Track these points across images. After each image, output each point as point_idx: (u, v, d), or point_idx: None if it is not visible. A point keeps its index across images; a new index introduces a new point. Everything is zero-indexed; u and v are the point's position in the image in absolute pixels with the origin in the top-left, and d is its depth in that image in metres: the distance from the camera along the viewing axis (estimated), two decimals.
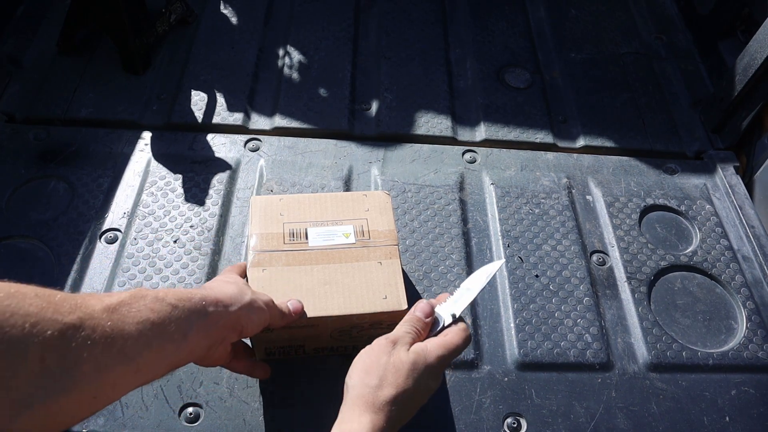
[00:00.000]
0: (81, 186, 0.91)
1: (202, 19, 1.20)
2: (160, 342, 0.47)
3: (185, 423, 0.70)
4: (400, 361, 0.58)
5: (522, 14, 1.30)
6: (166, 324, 0.48)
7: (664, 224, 0.96)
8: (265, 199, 0.75)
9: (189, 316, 0.50)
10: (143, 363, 0.46)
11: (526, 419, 0.73)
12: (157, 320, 0.47)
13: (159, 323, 0.47)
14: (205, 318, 0.52)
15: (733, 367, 0.80)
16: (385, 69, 1.15)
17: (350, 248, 0.70)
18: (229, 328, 0.56)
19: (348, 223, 0.73)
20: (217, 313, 0.54)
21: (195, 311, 0.52)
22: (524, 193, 0.97)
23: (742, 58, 1.04)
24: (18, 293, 0.40)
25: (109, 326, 0.43)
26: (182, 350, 0.50)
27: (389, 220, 0.73)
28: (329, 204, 0.75)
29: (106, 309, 0.44)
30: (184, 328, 0.50)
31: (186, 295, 0.52)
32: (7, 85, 1.05)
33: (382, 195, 0.76)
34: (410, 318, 0.62)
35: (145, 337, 0.46)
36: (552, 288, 0.85)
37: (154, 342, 0.47)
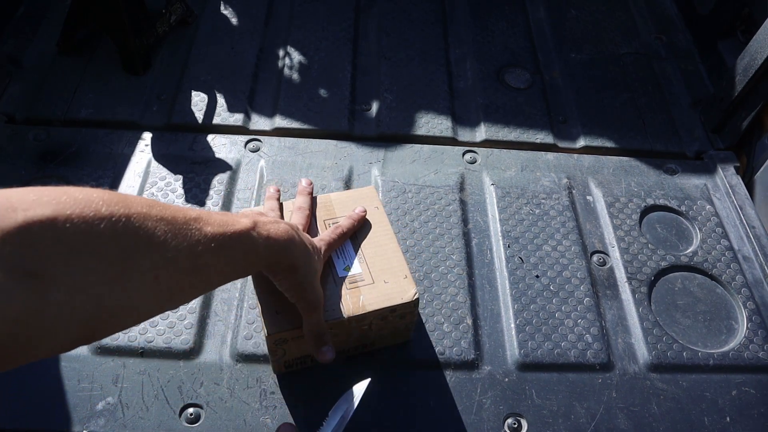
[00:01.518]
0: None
1: (202, 20, 1.20)
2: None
3: (186, 423, 0.70)
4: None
5: (522, 14, 1.30)
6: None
7: (665, 224, 0.96)
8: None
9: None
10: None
11: (526, 419, 0.73)
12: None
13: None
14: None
15: (734, 368, 0.80)
16: (385, 69, 1.15)
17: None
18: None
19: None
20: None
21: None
22: (525, 194, 0.97)
23: (742, 58, 1.04)
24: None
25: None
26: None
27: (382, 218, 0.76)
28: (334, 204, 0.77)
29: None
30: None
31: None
32: (7, 86, 1.05)
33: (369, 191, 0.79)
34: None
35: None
36: (552, 288, 0.85)
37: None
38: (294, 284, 0.60)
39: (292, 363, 0.72)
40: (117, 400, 0.70)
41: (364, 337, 0.72)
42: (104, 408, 0.70)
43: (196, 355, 0.75)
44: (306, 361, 0.72)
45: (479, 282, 0.85)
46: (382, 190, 0.95)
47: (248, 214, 0.55)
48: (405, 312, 0.70)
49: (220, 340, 0.77)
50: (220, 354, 0.75)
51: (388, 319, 0.70)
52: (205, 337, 0.77)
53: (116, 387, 0.71)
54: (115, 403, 0.70)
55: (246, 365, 0.75)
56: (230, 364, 0.75)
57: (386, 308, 0.68)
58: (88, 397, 0.70)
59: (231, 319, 0.79)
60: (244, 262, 0.53)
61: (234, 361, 0.75)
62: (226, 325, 0.78)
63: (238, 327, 0.78)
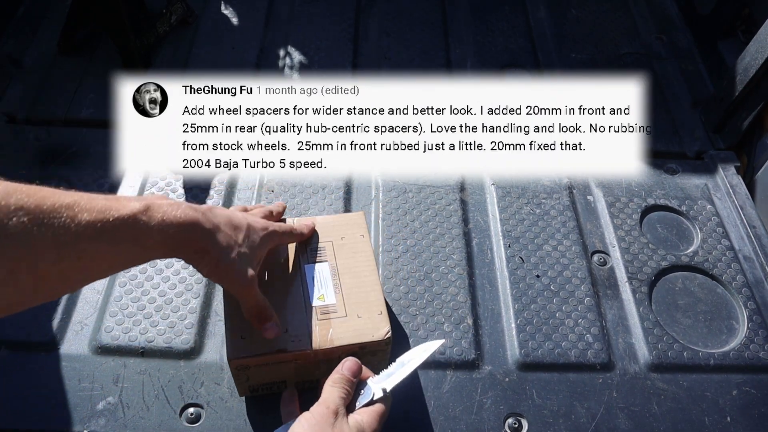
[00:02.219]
0: (82, 186, 0.91)
1: (203, 20, 1.20)
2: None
3: (186, 423, 0.70)
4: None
5: (522, 14, 1.30)
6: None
7: (665, 224, 0.96)
8: None
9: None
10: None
11: (527, 419, 0.73)
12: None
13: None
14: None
15: (735, 368, 0.80)
16: (385, 69, 1.15)
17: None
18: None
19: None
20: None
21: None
22: (525, 193, 0.97)
23: (742, 58, 1.04)
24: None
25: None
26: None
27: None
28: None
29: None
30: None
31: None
32: (7, 86, 1.05)
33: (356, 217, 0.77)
34: (340, 378, 0.60)
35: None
36: (553, 288, 0.85)
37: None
38: (211, 268, 0.56)
39: (257, 388, 0.69)
40: (117, 399, 0.70)
41: (333, 367, 0.69)
42: (105, 408, 0.70)
43: (196, 354, 0.75)
44: (272, 387, 0.69)
45: (480, 282, 0.85)
46: (383, 190, 0.95)
47: (144, 198, 0.52)
48: (376, 349, 0.67)
49: (221, 339, 0.77)
50: (221, 354, 0.75)
51: (357, 354, 0.66)
52: (206, 337, 0.77)
53: (117, 387, 0.71)
54: (116, 403, 0.70)
55: None
56: None
57: (356, 344, 0.66)
58: (88, 397, 0.70)
59: None
60: (136, 248, 0.50)
61: None
62: None
63: None
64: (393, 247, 0.87)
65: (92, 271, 0.48)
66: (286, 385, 0.69)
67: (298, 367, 0.67)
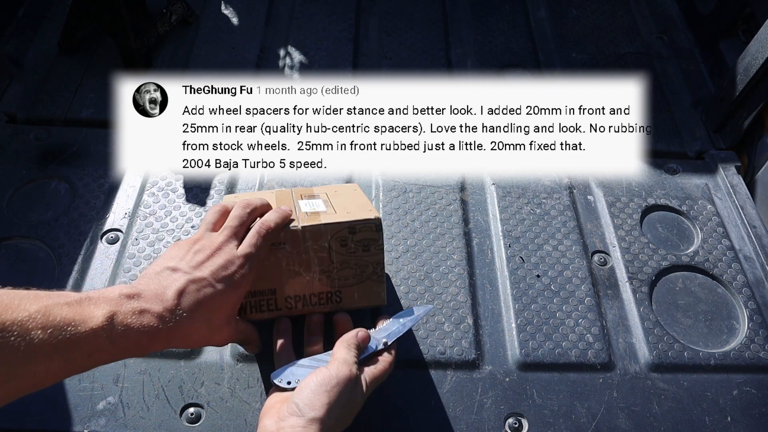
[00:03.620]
0: (82, 186, 0.91)
1: (203, 20, 1.20)
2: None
3: (186, 423, 0.70)
4: (356, 401, 0.59)
5: (523, 14, 1.30)
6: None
7: (666, 224, 0.96)
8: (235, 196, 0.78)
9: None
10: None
11: (527, 419, 0.73)
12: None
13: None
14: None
15: (735, 368, 0.80)
16: (385, 69, 1.15)
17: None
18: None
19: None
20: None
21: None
22: (525, 193, 0.97)
23: (743, 57, 1.04)
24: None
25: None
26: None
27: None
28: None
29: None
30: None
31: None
32: (8, 86, 1.05)
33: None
34: (357, 344, 0.62)
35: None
36: (553, 288, 0.85)
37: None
38: (186, 347, 0.60)
39: (246, 305, 0.67)
40: (118, 399, 0.71)
41: (326, 274, 0.67)
42: (105, 408, 0.70)
43: (196, 354, 0.75)
44: (262, 305, 0.67)
45: (480, 282, 0.85)
46: (383, 190, 0.95)
47: (111, 299, 0.50)
48: (368, 237, 0.66)
49: None
50: (221, 354, 0.75)
51: (349, 246, 0.66)
52: None
53: (117, 387, 0.71)
54: (116, 403, 0.70)
55: (247, 365, 0.75)
56: (231, 363, 0.75)
57: (345, 224, 0.65)
58: (88, 397, 0.70)
59: None
60: (89, 361, 0.48)
61: (235, 360, 0.75)
62: None
63: None
64: (393, 247, 0.87)
65: (41, 384, 0.46)
66: (277, 302, 0.67)
67: (286, 260, 0.65)
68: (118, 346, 0.49)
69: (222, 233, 0.61)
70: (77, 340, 0.46)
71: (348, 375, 0.58)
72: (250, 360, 0.75)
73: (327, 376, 0.57)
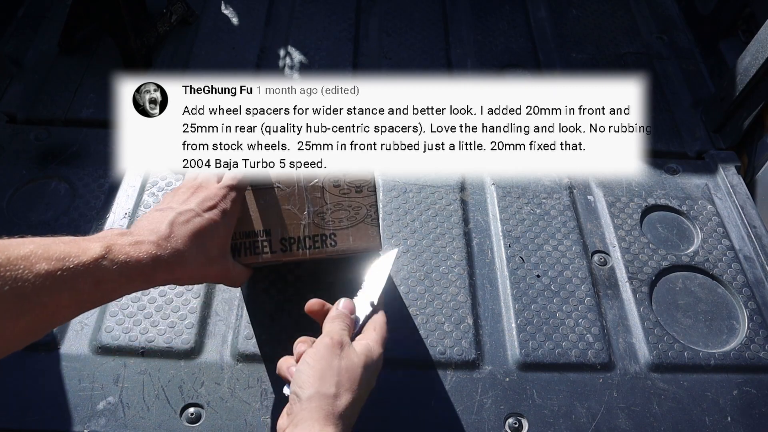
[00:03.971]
0: (82, 186, 0.91)
1: (203, 20, 1.20)
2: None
3: (186, 423, 0.70)
4: (353, 364, 0.55)
5: (523, 14, 1.30)
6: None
7: (666, 224, 0.96)
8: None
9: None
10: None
11: (527, 419, 0.73)
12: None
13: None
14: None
15: (735, 368, 0.80)
16: (386, 69, 1.15)
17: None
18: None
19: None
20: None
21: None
22: (525, 193, 0.97)
23: (743, 57, 1.04)
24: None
25: None
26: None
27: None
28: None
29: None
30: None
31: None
32: (8, 86, 1.05)
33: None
34: (339, 314, 0.61)
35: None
36: (553, 288, 0.85)
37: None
38: (186, 281, 0.59)
39: (237, 244, 0.67)
40: (118, 399, 0.71)
41: (320, 216, 0.68)
42: (105, 408, 0.70)
43: (196, 354, 0.75)
44: (255, 246, 0.67)
45: (480, 282, 0.85)
46: (383, 190, 0.95)
47: (105, 237, 0.52)
48: (361, 183, 0.68)
49: (221, 339, 0.77)
50: (221, 354, 0.75)
51: (342, 187, 0.68)
52: (206, 337, 0.77)
53: (117, 387, 0.71)
54: (116, 403, 0.70)
55: (247, 365, 0.75)
56: (231, 363, 0.75)
57: (340, 173, 0.66)
58: (88, 397, 0.70)
59: (232, 319, 0.79)
60: (98, 292, 0.50)
61: (235, 360, 0.75)
62: (227, 324, 0.78)
63: (238, 327, 0.78)
64: (393, 247, 0.87)
65: (56, 318, 0.48)
66: (272, 244, 0.67)
67: (280, 199, 0.67)
68: (122, 273, 0.50)
69: (200, 176, 0.66)
70: (81, 270, 0.47)
71: (329, 343, 0.56)
72: (250, 360, 0.75)
73: (309, 353, 0.56)
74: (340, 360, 0.55)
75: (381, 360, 0.59)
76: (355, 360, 0.56)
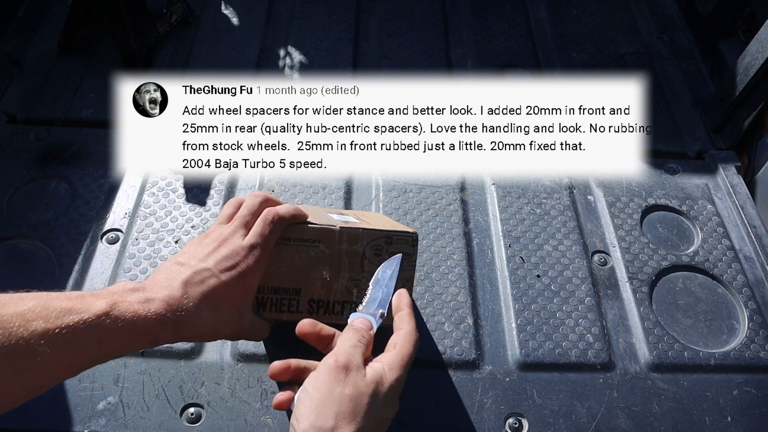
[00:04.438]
0: (82, 186, 0.91)
1: (203, 20, 1.20)
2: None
3: (186, 423, 0.70)
4: (358, 392, 0.49)
5: (523, 14, 1.30)
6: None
7: (666, 224, 0.96)
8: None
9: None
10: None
11: (527, 419, 0.73)
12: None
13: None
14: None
15: (735, 368, 0.80)
16: (385, 69, 1.15)
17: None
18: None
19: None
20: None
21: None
22: (525, 193, 0.97)
23: (743, 57, 1.04)
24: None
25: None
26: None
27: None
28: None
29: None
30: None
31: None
32: (8, 86, 1.05)
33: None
34: (356, 329, 0.55)
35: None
36: (553, 288, 0.85)
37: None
38: (197, 340, 0.57)
39: (266, 300, 0.63)
40: (118, 399, 0.71)
41: (355, 282, 0.64)
42: (105, 408, 0.70)
43: (197, 354, 0.75)
44: (283, 304, 0.64)
45: (480, 282, 0.85)
46: (383, 190, 0.95)
47: (113, 292, 0.50)
48: (402, 251, 0.64)
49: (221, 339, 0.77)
50: (221, 354, 0.75)
51: (383, 256, 0.64)
52: None
53: (117, 387, 0.71)
54: (116, 403, 0.70)
55: (247, 365, 0.75)
56: (231, 363, 0.75)
57: (382, 232, 0.64)
58: (88, 397, 0.70)
59: None
60: (100, 351, 0.47)
61: (235, 360, 0.75)
62: None
63: None
64: None
65: (57, 376, 0.46)
66: (299, 304, 0.64)
67: (316, 260, 0.62)
68: (127, 332, 0.48)
69: (231, 225, 0.60)
70: (81, 328, 0.45)
71: (332, 366, 0.50)
72: (250, 360, 0.75)
73: (310, 379, 0.51)
74: (344, 387, 0.49)
75: (399, 384, 0.52)
76: (361, 387, 0.49)
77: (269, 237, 0.60)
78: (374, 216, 0.77)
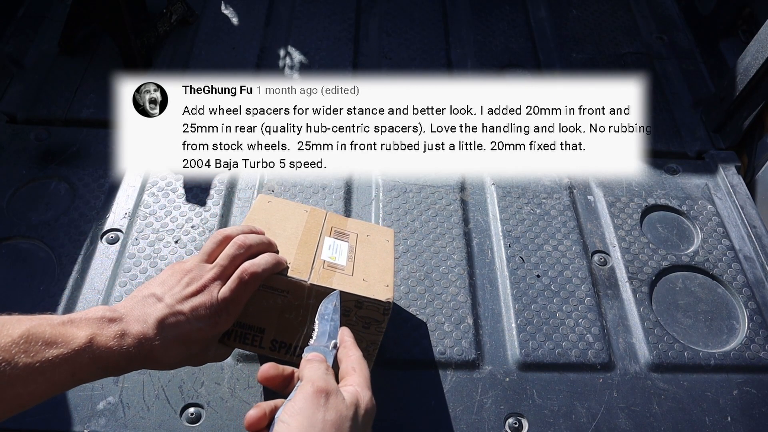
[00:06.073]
0: (82, 186, 0.91)
1: (203, 20, 1.20)
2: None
3: (186, 423, 0.70)
4: (340, 416, 0.47)
5: (523, 14, 1.30)
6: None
7: (666, 224, 0.96)
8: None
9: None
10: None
11: (527, 419, 0.73)
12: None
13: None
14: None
15: (735, 368, 0.80)
16: (385, 69, 1.15)
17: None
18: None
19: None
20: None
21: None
22: (525, 193, 0.97)
23: (743, 57, 1.04)
24: None
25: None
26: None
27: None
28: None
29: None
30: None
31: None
32: (8, 86, 1.05)
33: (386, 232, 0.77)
34: (319, 360, 0.53)
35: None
36: (553, 288, 0.85)
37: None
38: (163, 369, 0.58)
39: (232, 332, 0.64)
40: (118, 399, 0.71)
41: None
42: (105, 408, 0.70)
43: None
44: (247, 337, 0.64)
45: (480, 282, 0.85)
46: (383, 190, 0.95)
47: (91, 322, 0.52)
48: (372, 317, 0.63)
49: None
50: None
51: (350, 318, 0.63)
52: None
53: (117, 387, 0.71)
54: (116, 403, 0.70)
55: (247, 365, 0.75)
56: (231, 363, 0.75)
57: (353, 296, 0.62)
58: (89, 397, 0.70)
59: None
60: (72, 381, 0.50)
61: (235, 360, 0.75)
62: None
63: None
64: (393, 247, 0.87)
65: (24, 406, 0.49)
66: (262, 341, 0.64)
67: (284, 307, 0.63)
68: (99, 366, 0.51)
69: (211, 271, 0.60)
70: (61, 362, 0.48)
71: (310, 392, 0.48)
72: (250, 360, 0.75)
73: (287, 409, 0.48)
74: (325, 412, 0.46)
75: (373, 405, 0.51)
76: (342, 410, 0.47)
77: (243, 295, 0.60)
78: (375, 243, 0.74)
